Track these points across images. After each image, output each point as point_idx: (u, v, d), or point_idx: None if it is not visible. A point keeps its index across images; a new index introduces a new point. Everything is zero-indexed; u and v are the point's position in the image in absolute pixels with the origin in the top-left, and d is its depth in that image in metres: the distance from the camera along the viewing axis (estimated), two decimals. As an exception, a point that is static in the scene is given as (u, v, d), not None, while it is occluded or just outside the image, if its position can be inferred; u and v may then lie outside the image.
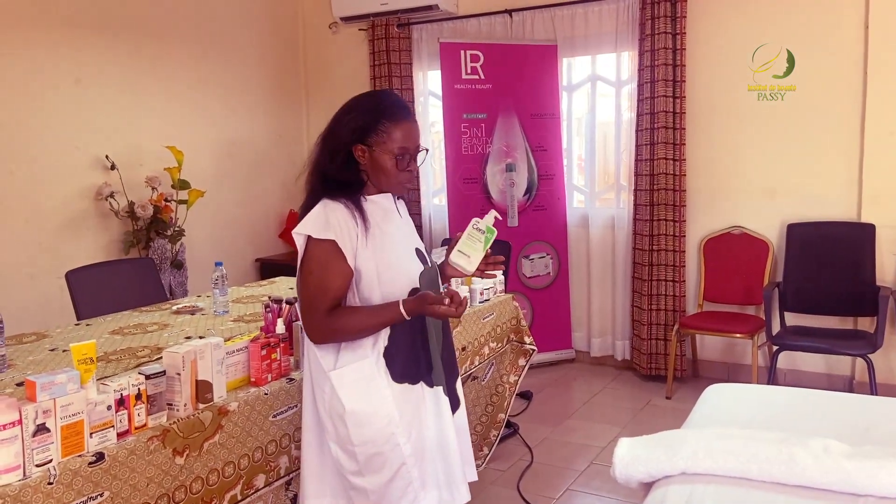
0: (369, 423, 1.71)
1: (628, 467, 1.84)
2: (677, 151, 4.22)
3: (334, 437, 1.75)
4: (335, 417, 1.73)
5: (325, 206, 1.70)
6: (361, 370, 1.73)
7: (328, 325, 1.69)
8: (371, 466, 1.73)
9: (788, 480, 1.69)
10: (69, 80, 3.99)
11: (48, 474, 1.47)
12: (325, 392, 1.74)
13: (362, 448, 1.72)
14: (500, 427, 3.24)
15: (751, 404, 2.34)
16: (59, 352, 2.32)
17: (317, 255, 1.68)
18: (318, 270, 1.68)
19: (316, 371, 1.78)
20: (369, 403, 1.72)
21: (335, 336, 1.72)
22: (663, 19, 4.15)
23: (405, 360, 1.77)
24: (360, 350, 1.74)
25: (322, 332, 1.71)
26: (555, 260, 4.73)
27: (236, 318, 2.74)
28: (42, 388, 1.48)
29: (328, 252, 1.68)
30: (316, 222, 1.68)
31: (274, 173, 5.34)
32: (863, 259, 3.84)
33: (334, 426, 1.74)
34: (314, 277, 1.69)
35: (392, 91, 3.42)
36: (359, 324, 1.71)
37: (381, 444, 1.72)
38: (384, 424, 1.72)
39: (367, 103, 1.75)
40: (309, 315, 1.71)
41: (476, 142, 4.65)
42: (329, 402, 1.74)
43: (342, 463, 1.75)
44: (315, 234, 1.67)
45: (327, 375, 1.73)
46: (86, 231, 4.08)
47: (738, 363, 4.31)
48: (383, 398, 1.73)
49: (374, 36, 5.06)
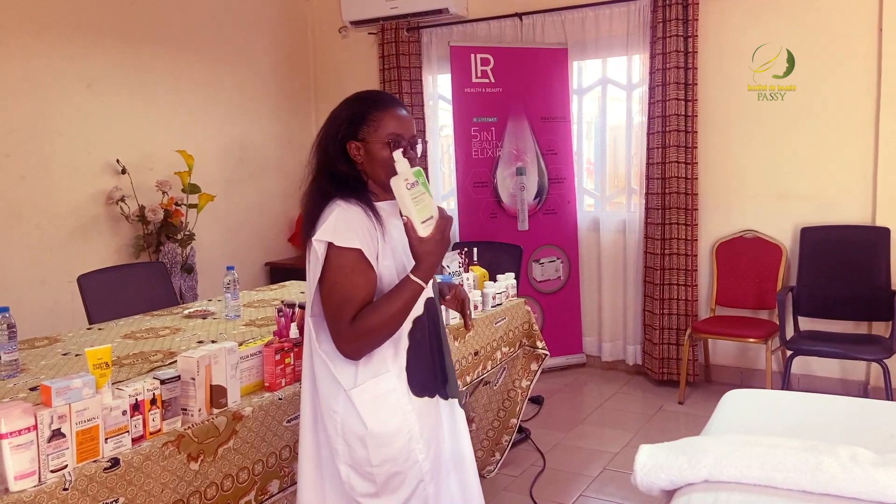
0: (391, 442, 1.61)
1: (650, 474, 1.81)
2: (689, 155, 4.19)
3: (347, 460, 1.62)
4: (351, 438, 1.60)
5: (342, 210, 1.58)
6: (382, 385, 1.62)
7: (356, 332, 1.55)
8: (389, 487, 1.62)
9: (815, 489, 1.65)
10: (80, 86, 3.99)
11: (63, 480, 1.45)
12: (338, 412, 1.61)
13: (381, 468, 1.61)
14: (511, 432, 3.21)
15: (771, 411, 2.31)
16: (71, 356, 2.31)
17: (342, 265, 1.56)
18: (343, 280, 1.56)
19: (326, 390, 1.63)
20: (391, 421, 1.61)
21: (368, 340, 1.57)
22: (675, 22, 4.12)
23: (424, 373, 1.68)
24: (380, 364, 1.62)
25: (353, 342, 1.56)
26: (565, 264, 4.71)
27: (248, 323, 2.72)
28: (57, 394, 1.47)
29: (353, 261, 1.56)
30: (337, 228, 1.55)
31: (283, 177, 5.34)
32: (877, 263, 3.81)
33: (348, 448, 1.61)
34: (340, 288, 1.56)
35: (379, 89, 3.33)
36: (385, 315, 1.55)
37: (401, 463, 1.62)
38: (405, 441, 1.62)
39: (352, 99, 1.71)
40: (335, 328, 1.57)
41: (486, 145, 4.64)
42: (343, 422, 1.61)
43: (354, 486, 1.62)
44: (338, 241, 1.54)
45: (346, 394, 1.60)
46: (97, 235, 4.08)
47: (751, 368, 4.27)
48: (405, 414, 1.63)
49: (384, 40, 5.06)
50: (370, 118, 1.64)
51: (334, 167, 1.66)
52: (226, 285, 2.81)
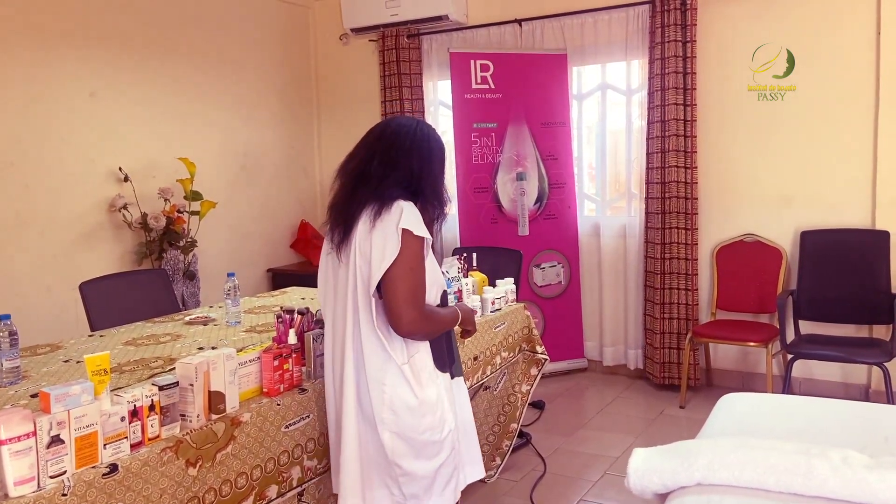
0: (433, 410, 1.85)
1: (643, 478, 1.82)
2: (688, 159, 4.20)
3: (392, 427, 1.83)
4: (400, 408, 1.83)
5: (406, 205, 1.81)
6: (421, 361, 1.87)
7: (425, 319, 1.81)
8: (427, 452, 1.86)
9: (807, 492, 1.66)
10: (84, 94, 4.03)
11: (62, 486, 1.47)
12: (387, 384, 1.82)
13: (423, 436, 1.84)
14: (512, 437, 3.22)
15: (766, 414, 2.32)
16: (72, 363, 2.33)
17: (416, 251, 1.79)
18: (418, 266, 1.80)
19: (376, 365, 1.83)
20: (432, 389, 1.86)
21: (425, 329, 1.83)
22: (673, 27, 4.14)
23: (440, 353, 1.93)
24: (417, 343, 1.87)
25: (419, 324, 1.80)
26: (566, 269, 4.72)
27: (248, 329, 2.74)
28: (56, 400, 1.49)
29: (422, 249, 1.81)
30: (411, 218, 1.78)
31: (285, 184, 5.37)
32: (878, 266, 3.81)
33: (395, 416, 1.83)
34: (416, 273, 1.79)
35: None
36: (442, 322, 1.90)
37: (438, 432, 1.86)
38: (442, 411, 1.88)
39: (434, 133, 1.97)
40: (410, 307, 1.77)
41: (486, 151, 4.66)
42: (392, 393, 1.82)
43: (396, 450, 1.84)
44: (415, 230, 1.78)
45: (398, 367, 1.82)
46: (100, 243, 4.11)
47: (752, 372, 4.27)
48: (438, 387, 1.89)
49: (385, 47, 5.09)
50: (443, 157, 1.95)
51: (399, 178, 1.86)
52: (226, 292, 2.83)
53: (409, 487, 1.87)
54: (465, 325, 2.15)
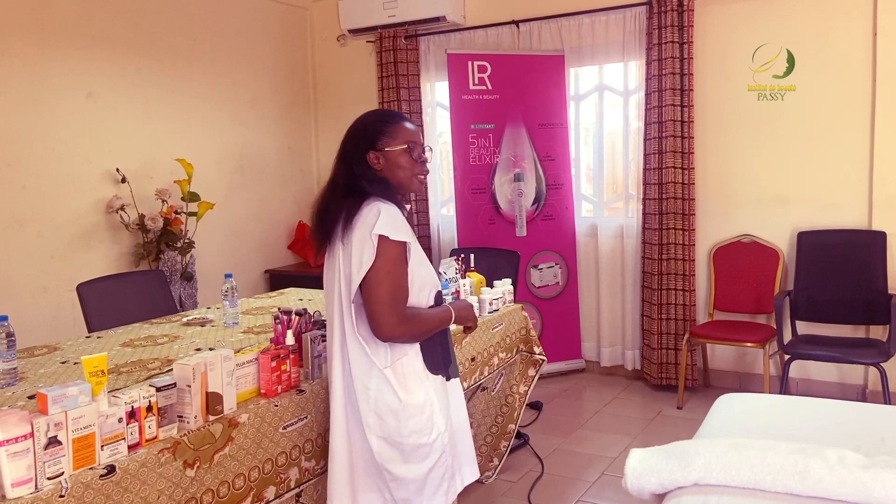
0: (419, 413, 1.83)
1: (640, 478, 1.83)
2: (686, 160, 4.21)
3: (378, 432, 1.83)
4: (384, 411, 1.82)
5: (384, 208, 1.78)
6: (408, 364, 1.84)
7: (405, 323, 1.79)
8: (416, 456, 1.84)
9: (803, 492, 1.67)
10: (80, 94, 4.02)
11: (60, 487, 1.47)
12: (371, 388, 1.82)
13: (409, 439, 1.82)
14: (510, 438, 3.22)
15: (763, 414, 2.32)
16: (70, 364, 2.33)
17: (394, 256, 1.77)
18: (395, 270, 1.78)
19: (360, 369, 1.84)
20: (418, 393, 1.83)
21: (408, 333, 1.81)
22: (670, 28, 4.15)
23: (434, 355, 1.90)
24: (404, 346, 1.85)
25: (400, 329, 1.78)
26: (564, 270, 4.72)
27: (246, 330, 2.74)
28: (54, 401, 1.48)
29: (402, 253, 1.79)
30: (388, 223, 1.76)
31: (283, 185, 5.37)
32: (874, 267, 3.82)
33: (380, 420, 1.82)
34: (393, 277, 1.78)
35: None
36: (428, 324, 1.86)
37: (426, 434, 1.84)
38: (430, 414, 1.84)
39: (367, 115, 1.94)
40: (388, 313, 1.76)
41: (484, 152, 4.66)
42: (377, 397, 1.82)
43: (384, 455, 1.84)
44: (392, 235, 1.76)
45: (381, 371, 1.81)
46: (97, 244, 4.11)
47: (749, 372, 4.28)
48: (427, 389, 1.85)
49: (382, 48, 5.09)
50: (387, 130, 1.87)
51: (360, 174, 1.85)
52: (224, 293, 2.83)
53: (400, 492, 1.86)
54: (464, 322, 2.08)
